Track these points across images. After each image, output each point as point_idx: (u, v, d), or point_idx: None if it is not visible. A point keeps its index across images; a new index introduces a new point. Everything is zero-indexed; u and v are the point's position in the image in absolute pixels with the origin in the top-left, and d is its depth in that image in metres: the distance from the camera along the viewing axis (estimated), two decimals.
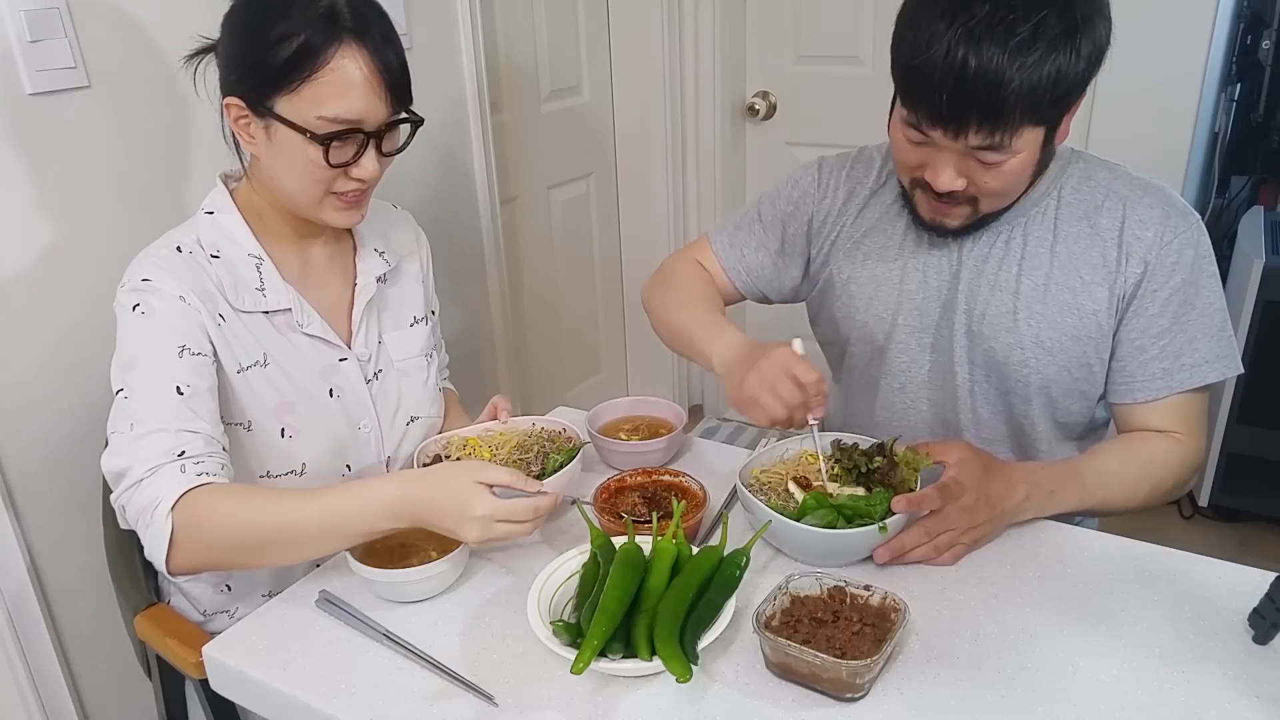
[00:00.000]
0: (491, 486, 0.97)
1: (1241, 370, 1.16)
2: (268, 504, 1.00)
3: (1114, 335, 1.17)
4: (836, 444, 1.13)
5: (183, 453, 1.01)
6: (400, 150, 1.14)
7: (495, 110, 2.17)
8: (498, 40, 2.27)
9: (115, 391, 1.05)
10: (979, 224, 1.17)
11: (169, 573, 1.01)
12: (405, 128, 1.12)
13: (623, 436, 1.29)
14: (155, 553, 0.99)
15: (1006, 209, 1.16)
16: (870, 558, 1.03)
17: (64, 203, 1.32)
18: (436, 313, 1.40)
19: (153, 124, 1.42)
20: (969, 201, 1.11)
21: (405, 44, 1.78)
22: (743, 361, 1.12)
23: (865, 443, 1.12)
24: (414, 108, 1.12)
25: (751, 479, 1.11)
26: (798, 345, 1.10)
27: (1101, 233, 1.16)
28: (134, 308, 1.06)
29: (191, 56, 1.14)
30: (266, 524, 0.99)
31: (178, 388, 1.03)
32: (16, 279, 1.28)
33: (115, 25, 1.35)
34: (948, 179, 1.07)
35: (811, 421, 1.08)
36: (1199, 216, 1.16)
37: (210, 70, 1.12)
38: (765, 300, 1.42)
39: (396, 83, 1.07)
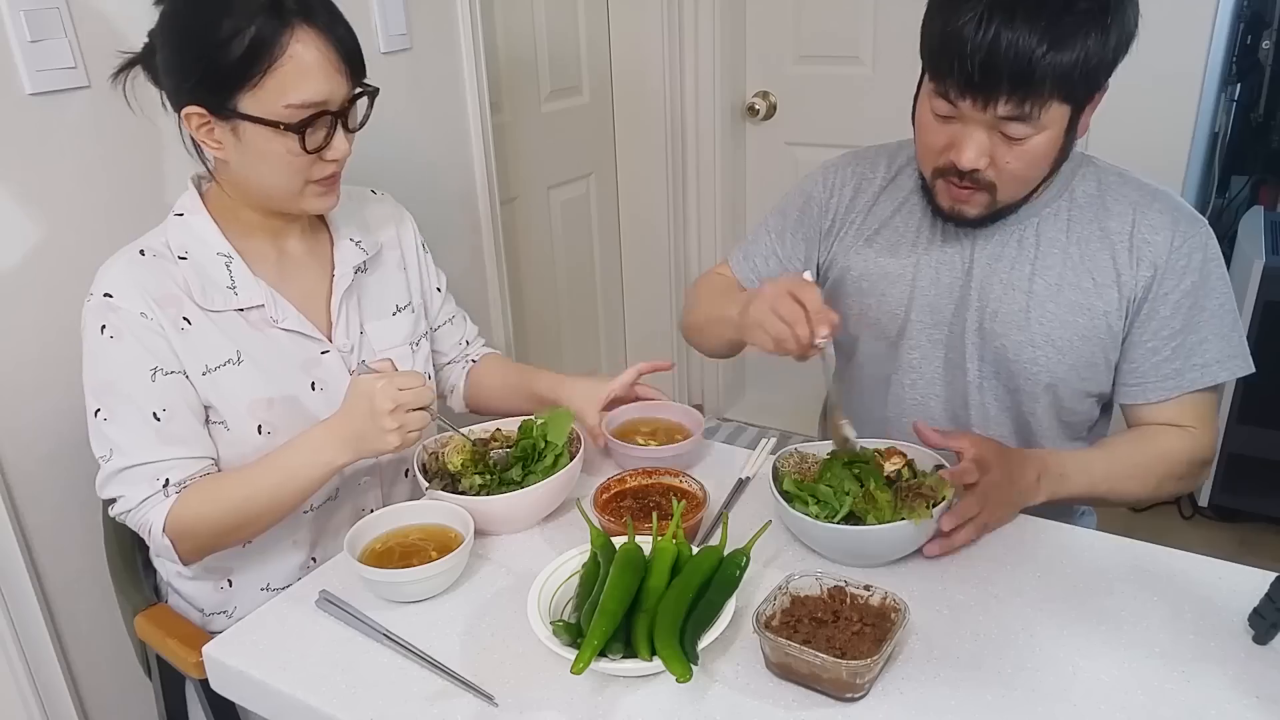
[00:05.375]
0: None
1: (1253, 369, 1.17)
2: (233, 492, 1.10)
3: (1124, 339, 1.18)
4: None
5: (166, 481, 1.09)
6: (362, 124, 1.13)
7: (495, 110, 2.17)
8: (498, 40, 2.27)
9: (93, 411, 1.09)
10: (995, 216, 1.17)
11: (185, 565, 1.14)
12: (363, 101, 1.12)
13: (640, 440, 1.27)
14: (165, 560, 1.14)
15: (1022, 203, 1.17)
16: (879, 561, 1.03)
17: (64, 203, 1.32)
18: (443, 288, 1.40)
19: (152, 124, 1.41)
20: (988, 188, 1.11)
21: (405, 44, 1.80)
22: (753, 295, 1.13)
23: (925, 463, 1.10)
24: (410, 104, 1.12)
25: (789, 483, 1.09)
26: (808, 276, 1.11)
27: (1111, 236, 1.17)
28: (102, 329, 1.08)
29: (117, 74, 1.13)
30: (238, 509, 1.09)
31: (154, 414, 1.08)
32: (17, 278, 1.28)
33: (115, 25, 1.35)
34: (972, 155, 1.07)
35: (819, 342, 1.06)
36: (1206, 221, 1.18)
37: (138, 82, 1.11)
38: None
39: (351, 57, 1.07)
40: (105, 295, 1.08)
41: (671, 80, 2.70)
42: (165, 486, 1.08)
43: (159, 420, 1.08)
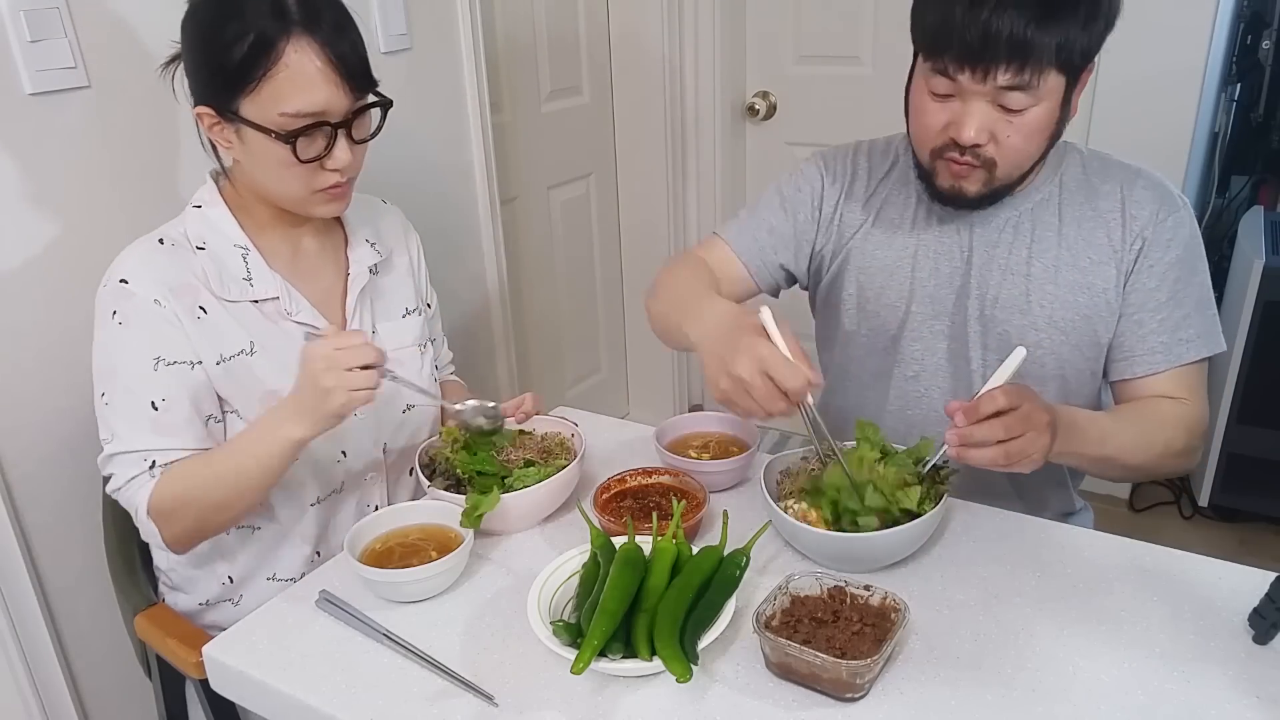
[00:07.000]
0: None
1: (1224, 347, 1.20)
2: (202, 473, 1.08)
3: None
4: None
5: (153, 463, 1.09)
6: (373, 136, 1.13)
7: (495, 110, 2.17)
8: (498, 40, 2.27)
9: (99, 394, 1.10)
10: (993, 198, 1.16)
11: (177, 554, 1.14)
12: (375, 112, 1.11)
13: (692, 454, 1.24)
14: (154, 545, 1.12)
15: (1015, 185, 1.16)
16: (872, 566, 1.02)
17: (63, 203, 1.32)
18: (433, 305, 1.40)
19: (152, 124, 1.42)
20: (987, 165, 1.12)
21: (405, 44, 1.80)
22: (720, 350, 1.01)
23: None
24: (410, 104, 1.11)
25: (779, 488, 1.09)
26: (766, 315, 1.00)
27: (1103, 214, 1.19)
28: (112, 314, 1.08)
29: (166, 65, 1.14)
30: (207, 493, 1.08)
31: (153, 403, 1.08)
32: (16, 279, 1.28)
33: (115, 25, 1.35)
34: (973, 129, 1.08)
35: (806, 406, 1.01)
36: (1186, 199, 1.20)
37: (184, 76, 1.12)
38: (777, 288, 1.39)
39: (354, 70, 1.05)
40: (121, 281, 1.08)
41: (671, 80, 2.70)
42: (151, 468, 1.08)
43: (156, 410, 1.08)
